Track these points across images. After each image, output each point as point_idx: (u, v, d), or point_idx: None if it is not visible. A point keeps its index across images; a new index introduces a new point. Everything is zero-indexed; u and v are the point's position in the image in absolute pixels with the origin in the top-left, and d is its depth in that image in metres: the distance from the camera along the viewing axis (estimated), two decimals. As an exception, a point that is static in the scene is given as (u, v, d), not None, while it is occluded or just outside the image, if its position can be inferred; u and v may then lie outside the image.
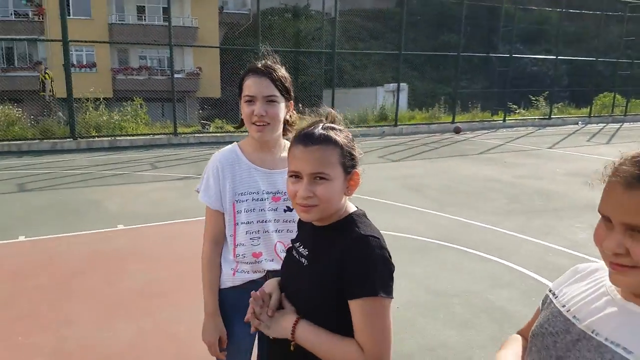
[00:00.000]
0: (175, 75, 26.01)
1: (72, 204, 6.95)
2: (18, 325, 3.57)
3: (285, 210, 1.80)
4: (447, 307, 3.93)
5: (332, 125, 1.33)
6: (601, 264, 0.98)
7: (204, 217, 1.86)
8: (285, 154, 1.76)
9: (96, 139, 12.82)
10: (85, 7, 25.02)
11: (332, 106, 11.24)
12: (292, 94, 1.82)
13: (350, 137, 1.35)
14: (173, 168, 9.88)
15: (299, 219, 1.45)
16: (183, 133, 13.77)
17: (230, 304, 1.81)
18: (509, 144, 14.01)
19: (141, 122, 14.20)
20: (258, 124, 1.71)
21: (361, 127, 16.77)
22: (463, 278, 4.50)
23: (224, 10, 30.45)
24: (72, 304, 3.90)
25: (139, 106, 14.38)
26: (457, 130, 16.74)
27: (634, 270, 0.82)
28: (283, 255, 1.71)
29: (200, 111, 19.39)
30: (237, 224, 1.77)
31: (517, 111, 20.88)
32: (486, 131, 17.58)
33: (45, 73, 14.99)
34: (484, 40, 29.34)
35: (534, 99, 21.68)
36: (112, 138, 12.98)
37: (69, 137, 12.46)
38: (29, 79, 21.52)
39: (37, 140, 12.25)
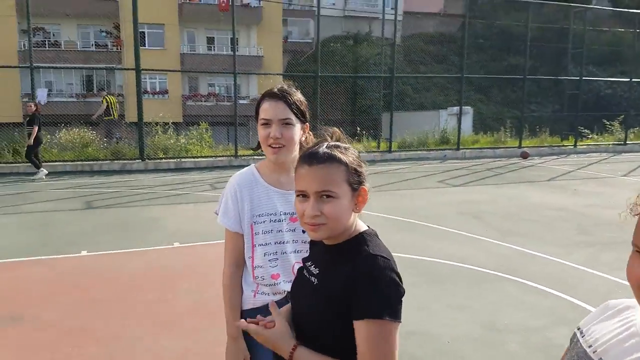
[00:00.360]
0: (240, 101, 27.30)
1: (134, 222, 7.25)
2: (72, 336, 3.69)
3: (303, 231, 1.77)
4: (503, 344, 3.66)
5: (337, 143, 1.33)
6: (634, 301, 0.89)
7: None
8: None
9: (163, 160, 13.45)
10: (160, 39, 26.72)
11: (390, 129, 11.19)
12: (307, 116, 1.82)
13: (356, 154, 1.34)
14: (232, 190, 10.10)
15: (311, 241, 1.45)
16: (243, 155, 14.17)
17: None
18: (580, 171, 13.24)
19: (205, 145, 14.76)
20: (274, 146, 1.73)
21: (421, 150, 16.52)
22: (522, 313, 4.19)
23: (289, 40, 31.44)
24: (124, 319, 4.00)
25: (204, 130, 14.98)
26: (524, 156, 16.06)
27: None
28: None
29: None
30: (255, 246, 1.78)
31: (589, 136, 19.76)
32: (555, 157, 16.75)
33: (104, 97, 15.72)
34: (553, 62, 28.24)
35: (607, 123, 20.44)
36: (178, 160, 13.55)
37: (138, 159, 13.17)
38: (104, 105, 23.04)
39: (108, 161, 13.04)
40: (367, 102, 27.13)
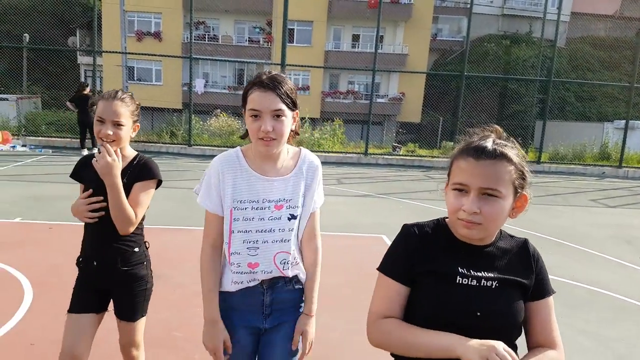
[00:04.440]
0: (378, 100, 27.32)
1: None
2: (200, 299, 3.94)
3: (289, 219, 1.72)
4: None
5: (504, 142, 1.25)
6: None
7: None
8: (287, 162, 1.73)
9: (312, 153, 13.87)
10: (307, 36, 27.63)
11: (542, 138, 10.26)
12: (297, 104, 1.70)
13: (522, 155, 1.27)
14: (357, 185, 10.04)
15: (416, 241, 1.32)
16: (373, 153, 14.05)
17: (233, 306, 1.75)
18: None
19: (337, 140, 14.94)
20: (266, 139, 1.62)
21: (575, 164, 14.84)
22: None
23: (437, 38, 30.47)
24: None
25: (337, 126, 15.18)
26: None
27: None
28: (287, 266, 1.72)
29: (396, 134, 19.61)
30: (233, 232, 1.70)
31: None
32: None
33: None
34: None
35: None
36: (310, 153, 13.90)
37: (274, 148, 13.77)
38: (253, 97, 24.53)
39: (249, 149, 13.87)
40: (518, 107, 25.24)
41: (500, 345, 1.08)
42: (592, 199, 10.18)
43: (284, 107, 1.62)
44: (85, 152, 11.75)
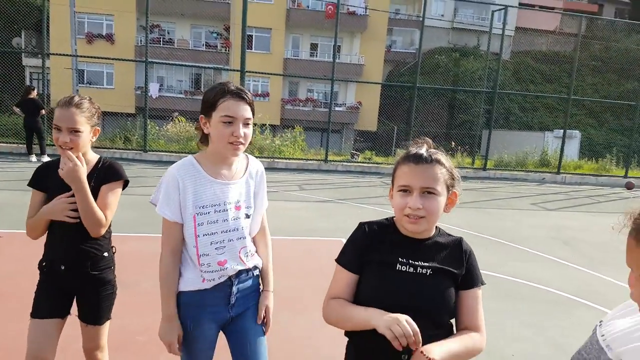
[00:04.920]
0: (337, 108, 27.80)
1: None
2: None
3: (246, 217, 1.90)
4: None
5: (435, 150, 1.51)
6: None
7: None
8: (239, 167, 1.91)
9: (258, 159, 14.01)
10: (266, 43, 27.89)
11: (487, 146, 10.93)
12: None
13: (450, 161, 1.53)
14: (318, 191, 10.36)
15: (367, 235, 1.55)
16: (333, 160, 14.44)
17: (198, 304, 1.88)
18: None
19: (298, 147, 15.22)
20: (236, 144, 1.78)
21: (518, 171, 15.77)
22: None
23: (392, 49, 31.41)
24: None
25: (298, 133, 15.46)
26: (629, 186, 14.73)
27: None
28: (248, 258, 1.93)
29: (354, 142, 20.09)
30: (199, 236, 1.81)
31: None
32: (670, 191, 15.19)
33: None
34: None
35: None
36: (272, 160, 14.10)
37: (234, 155, 13.86)
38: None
39: (208, 155, 13.87)
40: (466, 117, 26.35)
41: (403, 318, 1.29)
42: (533, 203, 10.91)
43: (251, 115, 1.82)
44: (34, 158, 11.43)
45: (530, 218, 9.06)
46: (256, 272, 2.00)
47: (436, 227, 1.54)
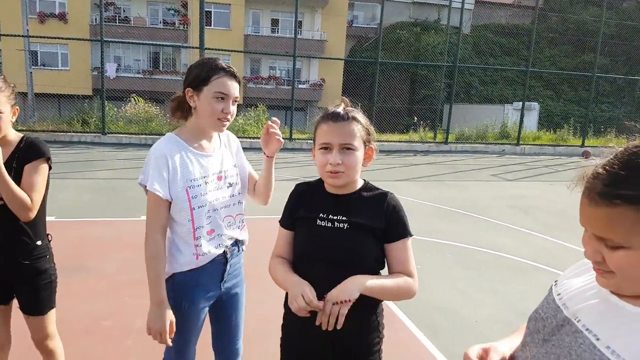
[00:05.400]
0: (300, 86, 27.58)
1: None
2: (127, 288, 4.04)
3: (228, 187, 1.96)
4: None
5: (352, 108, 1.56)
6: None
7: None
8: (215, 139, 1.98)
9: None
10: (225, 19, 27.19)
11: (448, 121, 11.10)
12: None
13: (366, 118, 1.58)
14: (283, 170, 10.34)
15: (297, 195, 1.67)
16: (297, 139, 14.42)
17: (193, 283, 1.89)
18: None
19: (262, 126, 15.06)
20: (224, 120, 1.85)
21: (479, 143, 16.12)
22: None
23: (354, 25, 31.20)
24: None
25: (261, 112, 15.30)
26: (586, 155, 15.30)
27: (612, 274, 0.86)
28: (234, 228, 1.98)
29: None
30: (194, 209, 1.83)
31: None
32: (623, 158, 15.83)
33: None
34: (630, 62, 26.47)
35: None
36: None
37: (197, 135, 13.63)
38: (170, 82, 23.99)
39: (170, 136, 13.60)
40: (428, 91, 26.59)
41: (301, 290, 1.40)
42: (493, 174, 11.21)
43: (238, 94, 1.89)
44: None
45: (491, 189, 9.30)
46: (243, 247, 2.07)
47: (364, 181, 1.61)
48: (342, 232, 1.52)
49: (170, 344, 1.82)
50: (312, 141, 1.67)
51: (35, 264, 2.10)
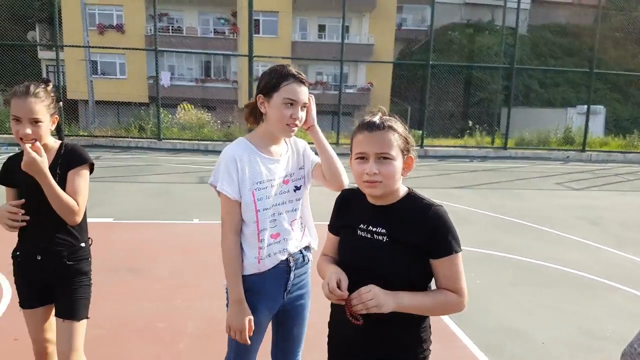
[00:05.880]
0: (347, 90, 27.30)
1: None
2: (180, 291, 4.03)
3: (295, 190, 1.98)
4: (599, 351, 3.36)
5: (388, 117, 1.52)
6: None
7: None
8: (282, 144, 1.99)
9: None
10: (273, 27, 27.34)
11: (507, 124, 10.58)
12: None
13: (405, 127, 1.54)
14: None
15: (342, 201, 1.68)
16: (345, 144, 14.16)
17: (254, 289, 1.90)
18: None
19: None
20: (292, 125, 1.87)
21: (541, 149, 15.31)
22: (628, 325, 3.73)
23: (403, 27, 30.67)
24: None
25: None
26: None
27: None
28: (299, 233, 1.99)
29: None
30: (259, 211, 1.87)
31: None
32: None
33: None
34: None
35: None
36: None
37: (247, 141, 13.74)
38: (221, 90, 24.38)
39: (220, 142, 13.74)
40: (484, 94, 25.68)
41: (336, 276, 1.46)
42: (558, 182, 10.55)
43: (307, 100, 1.89)
44: None
45: (556, 199, 8.71)
46: (309, 256, 2.06)
47: (408, 190, 1.56)
48: (381, 245, 1.50)
49: (249, 343, 1.86)
50: (356, 148, 1.58)
51: (78, 265, 2.14)
